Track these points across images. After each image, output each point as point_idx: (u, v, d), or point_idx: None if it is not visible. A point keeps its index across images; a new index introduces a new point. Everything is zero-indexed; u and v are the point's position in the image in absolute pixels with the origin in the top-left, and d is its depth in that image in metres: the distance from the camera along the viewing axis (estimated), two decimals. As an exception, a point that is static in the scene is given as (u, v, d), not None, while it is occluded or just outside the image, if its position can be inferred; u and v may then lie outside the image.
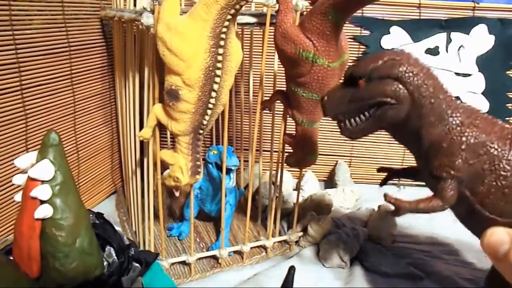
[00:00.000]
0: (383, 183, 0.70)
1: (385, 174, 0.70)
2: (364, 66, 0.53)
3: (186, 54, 0.54)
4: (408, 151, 0.60)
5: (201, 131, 0.61)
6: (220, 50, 0.55)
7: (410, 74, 0.51)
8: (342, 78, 0.58)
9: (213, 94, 0.57)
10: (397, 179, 0.71)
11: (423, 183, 0.61)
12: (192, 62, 0.55)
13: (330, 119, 0.95)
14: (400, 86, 0.51)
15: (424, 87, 0.51)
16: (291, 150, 0.74)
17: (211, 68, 0.56)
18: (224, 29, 0.54)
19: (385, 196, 0.56)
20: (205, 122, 0.60)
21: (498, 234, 0.33)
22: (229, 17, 0.53)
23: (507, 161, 0.50)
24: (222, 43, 0.55)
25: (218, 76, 0.56)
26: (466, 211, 0.55)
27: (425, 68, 0.53)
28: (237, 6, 0.53)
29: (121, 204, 1.00)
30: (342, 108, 0.55)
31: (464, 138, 0.52)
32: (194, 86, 0.56)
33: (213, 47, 0.55)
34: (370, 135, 0.59)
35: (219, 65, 0.56)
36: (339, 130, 0.57)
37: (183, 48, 0.54)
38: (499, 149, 0.51)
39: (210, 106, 0.58)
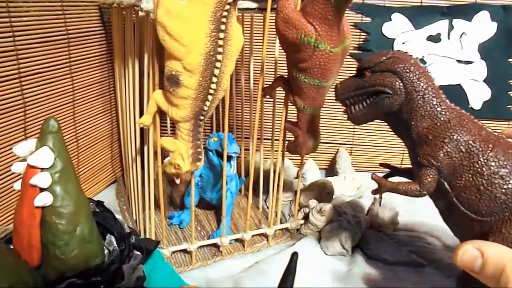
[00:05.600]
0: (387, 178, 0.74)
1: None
2: (370, 59, 0.61)
3: (186, 39, 0.53)
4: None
5: (202, 117, 0.60)
6: (221, 35, 0.54)
7: (408, 71, 0.58)
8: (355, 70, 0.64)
9: (214, 79, 0.57)
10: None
11: None
12: (193, 47, 0.54)
13: (330, 107, 0.98)
14: (397, 79, 0.58)
15: (418, 83, 0.58)
16: (293, 138, 0.74)
17: (211, 53, 0.55)
18: (225, 13, 0.53)
19: (372, 175, 0.64)
20: (206, 108, 0.59)
21: (469, 252, 0.35)
22: (230, 0, 0.52)
23: (485, 161, 0.54)
24: (223, 27, 0.54)
25: (219, 61, 0.56)
26: (444, 204, 0.59)
27: (422, 68, 0.59)
28: (238, -10, 0.52)
29: (121, 193, 0.99)
30: (348, 94, 0.63)
31: (448, 133, 0.56)
32: (194, 71, 0.55)
33: (213, 31, 0.54)
34: (371, 123, 0.65)
35: (220, 49, 0.55)
36: (345, 116, 0.65)
37: (183, 32, 0.53)
38: (480, 149, 0.55)
39: (211, 91, 0.57)
